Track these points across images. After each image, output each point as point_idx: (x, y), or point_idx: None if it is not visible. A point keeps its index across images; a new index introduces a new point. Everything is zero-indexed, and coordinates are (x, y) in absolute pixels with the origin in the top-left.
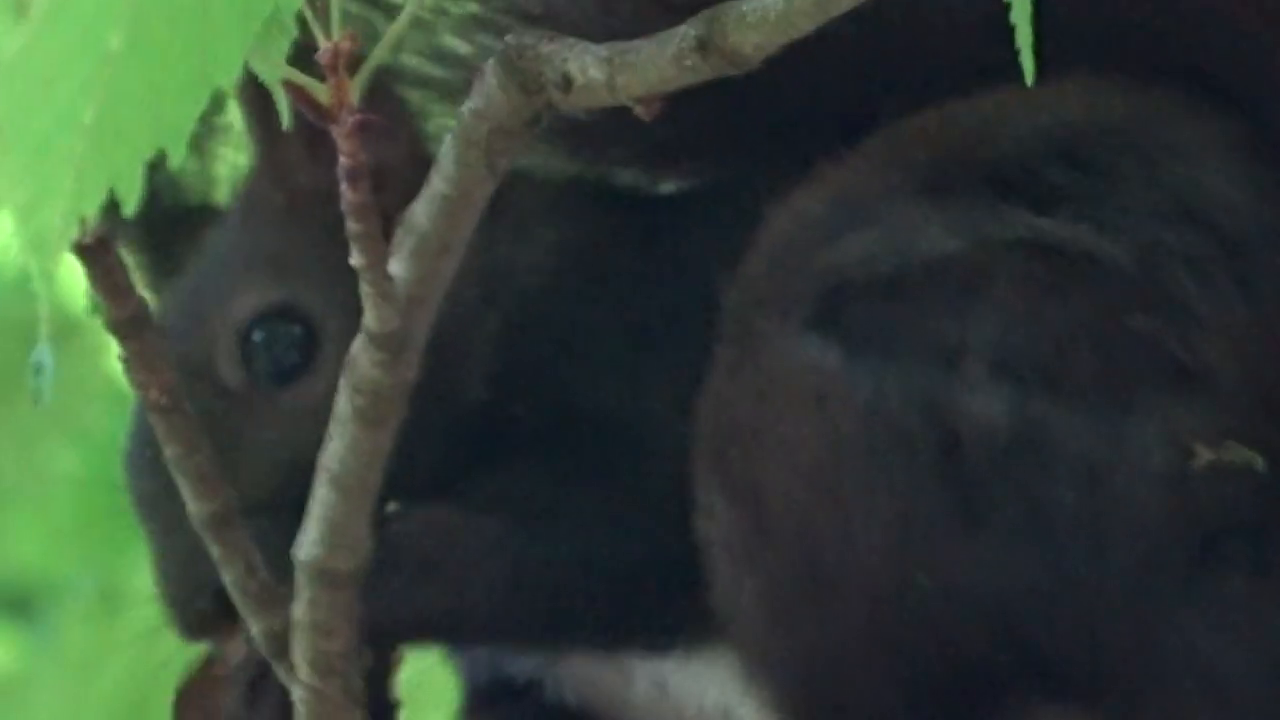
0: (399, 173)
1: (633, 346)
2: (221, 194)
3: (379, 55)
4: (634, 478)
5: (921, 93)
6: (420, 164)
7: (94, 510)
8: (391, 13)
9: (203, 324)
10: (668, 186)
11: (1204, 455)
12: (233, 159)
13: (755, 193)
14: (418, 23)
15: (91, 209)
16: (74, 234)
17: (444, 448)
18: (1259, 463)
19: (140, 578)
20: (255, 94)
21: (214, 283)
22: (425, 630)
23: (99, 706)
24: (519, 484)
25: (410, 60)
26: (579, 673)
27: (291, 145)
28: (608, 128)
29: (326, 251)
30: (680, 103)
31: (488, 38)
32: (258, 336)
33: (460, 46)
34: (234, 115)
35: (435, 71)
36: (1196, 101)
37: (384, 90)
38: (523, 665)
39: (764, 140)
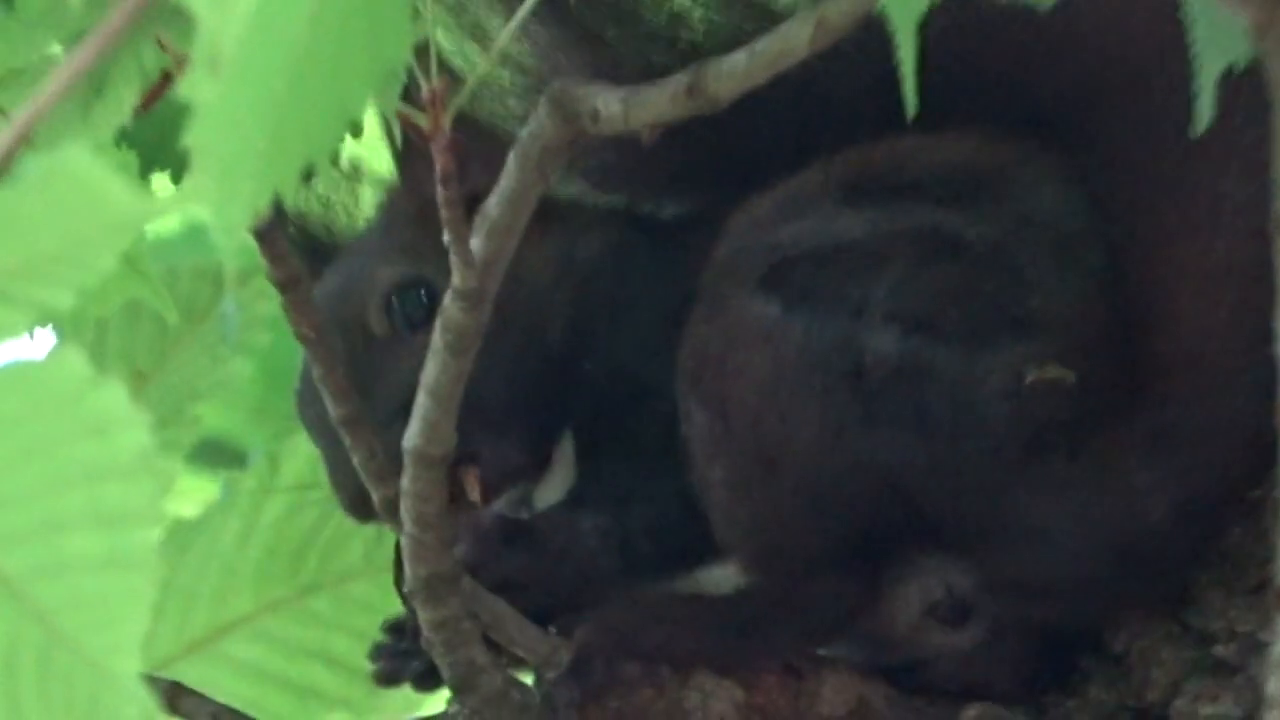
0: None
1: (658, 319)
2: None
3: (462, 97)
4: (670, 424)
5: (848, 136)
6: None
7: (263, 401)
8: (472, 66)
9: (357, 292)
10: (670, 211)
11: (1032, 375)
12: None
13: (728, 211)
14: (489, 88)
15: (263, 206)
16: (250, 222)
17: (542, 378)
18: (1071, 379)
19: (294, 450)
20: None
21: (364, 263)
22: (560, 591)
23: (264, 538)
24: (606, 478)
25: (489, 116)
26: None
27: (422, 167)
28: (629, 169)
29: (442, 242)
30: (677, 150)
31: (531, 101)
32: (396, 299)
33: (517, 107)
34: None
35: (505, 126)
36: (1039, 143)
37: (488, 135)
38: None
39: (737, 177)
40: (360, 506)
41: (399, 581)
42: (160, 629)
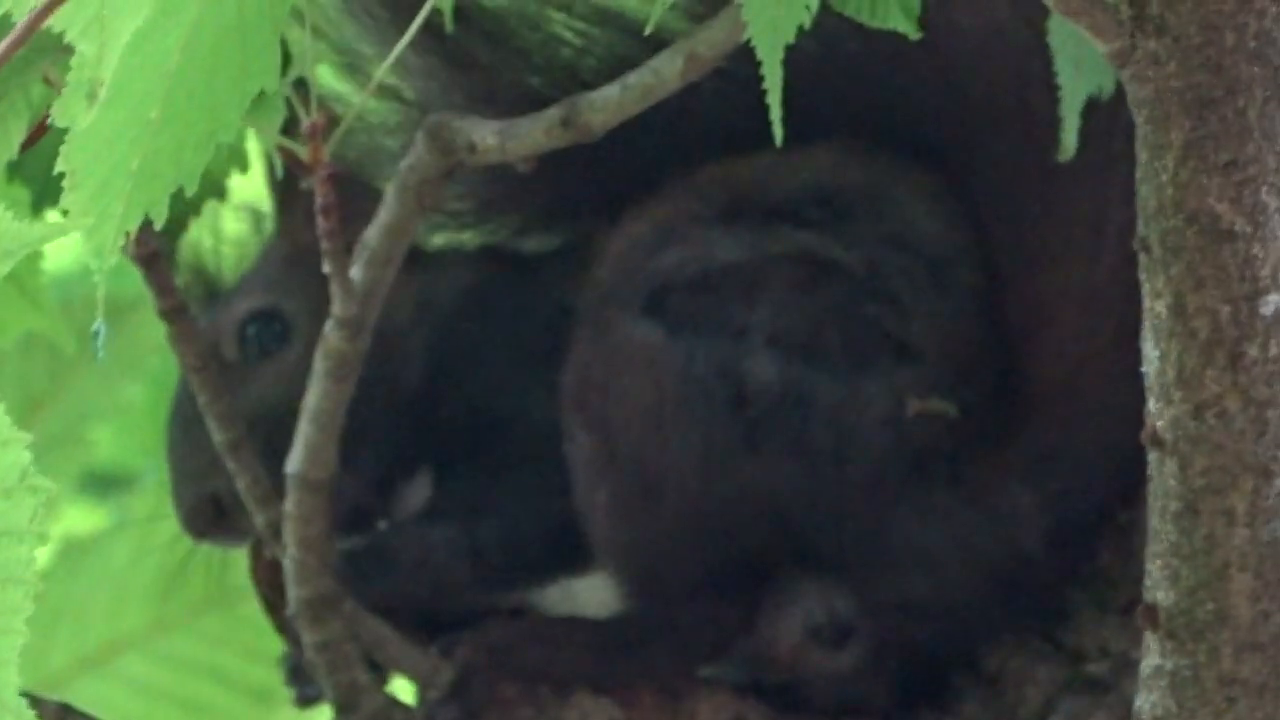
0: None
1: (516, 355)
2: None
3: (342, 130)
4: (527, 451)
5: (714, 153)
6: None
7: (154, 424)
8: (350, 100)
9: (216, 320)
10: (534, 246)
11: (914, 405)
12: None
13: (592, 246)
14: (367, 124)
15: (133, 226)
16: (122, 245)
17: (394, 418)
18: (952, 410)
19: None
20: (277, 182)
21: (229, 296)
22: (419, 603)
23: (156, 558)
24: (460, 495)
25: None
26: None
27: (297, 213)
28: (497, 203)
29: (307, 280)
30: (543, 186)
31: (408, 136)
32: (250, 326)
33: (390, 143)
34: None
35: (381, 162)
36: (908, 161)
37: (358, 185)
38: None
39: (609, 203)
40: (195, 522)
41: (272, 607)
42: (53, 646)
